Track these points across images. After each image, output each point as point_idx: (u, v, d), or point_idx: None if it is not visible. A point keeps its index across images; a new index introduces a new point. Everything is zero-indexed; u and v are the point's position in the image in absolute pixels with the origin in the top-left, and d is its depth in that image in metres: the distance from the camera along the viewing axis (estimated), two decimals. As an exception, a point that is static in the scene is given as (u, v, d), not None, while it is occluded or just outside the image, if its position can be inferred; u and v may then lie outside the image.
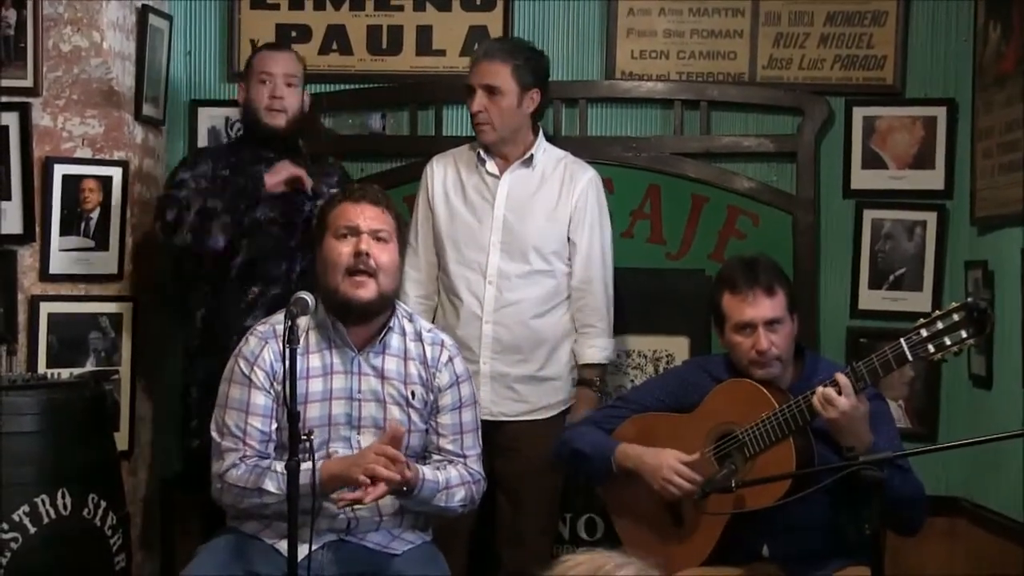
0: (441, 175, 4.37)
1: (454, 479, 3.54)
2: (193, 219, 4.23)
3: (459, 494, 3.54)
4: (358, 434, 3.51)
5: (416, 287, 4.34)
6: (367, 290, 3.48)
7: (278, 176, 4.26)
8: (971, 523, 4.49)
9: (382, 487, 3.30)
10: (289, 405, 3.18)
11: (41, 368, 4.24)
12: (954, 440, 4.22)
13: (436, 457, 3.58)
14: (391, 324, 3.58)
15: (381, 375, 3.55)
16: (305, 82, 4.49)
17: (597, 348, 4.29)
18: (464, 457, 3.61)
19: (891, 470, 3.19)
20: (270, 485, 3.37)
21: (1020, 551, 4.05)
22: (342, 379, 3.52)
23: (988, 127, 4.38)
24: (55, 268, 4.30)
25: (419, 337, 3.63)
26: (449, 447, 3.60)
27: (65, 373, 4.24)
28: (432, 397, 3.60)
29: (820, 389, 3.37)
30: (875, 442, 3.39)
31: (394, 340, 3.59)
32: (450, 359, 3.64)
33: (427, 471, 3.47)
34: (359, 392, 3.52)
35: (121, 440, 4.34)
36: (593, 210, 4.31)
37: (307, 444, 3.21)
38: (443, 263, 4.33)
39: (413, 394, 3.56)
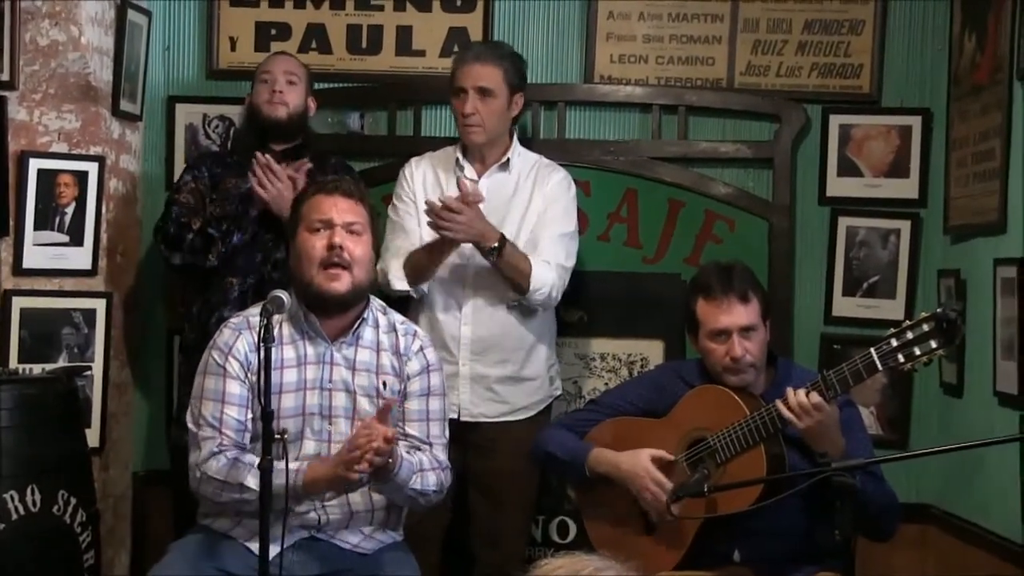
0: (420, 177, 4.36)
1: (426, 463, 3.55)
2: (194, 239, 4.33)
3: (431, 478, 3.54)
4: (329, 424, 3.52)
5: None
6: (341, 283, 3.49)
7: (255, 183, 4.28)
8: (941, 531, 4.51)
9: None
10: (263, 403, 3.18)
11: (12, 363, 4.21)
12: (925, 448, 4.25)
13: (402, 444, 3.54)
14: (364, 316, 3.59)
15: (352, 366, 3.56)
16: (311, 88, 4.52)
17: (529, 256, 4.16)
18: (429, 445, 3.60)
19: (863, 476, 3.21)
20: (251, 482, 3.35)
21: (990, 559, 4.07)
22: (315, 369, 3.53)
23: (963, 137, 4.41)
24: (29, 263, 4.28)
25: (392, 328, 3.65)
26: (414, 432, 3.59)
27: (37, 368, 4.21)
28: (403, 385, 3.60)
29: (791, 398, 3.37)
30: (848, 448, 3.40)
31: (367, 332, 3.60)
32: (421, 348, 3.66)
33: (403, 452, 3.46)
34: (330, 382, 3.53)
35: (92, 436, 4.31)
36: (560, 205, 4.30)
37: (281, 443, 3.22)
38: None
39: (384, 384, 3.57)
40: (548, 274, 4.15)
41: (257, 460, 3.32)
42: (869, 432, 3.95)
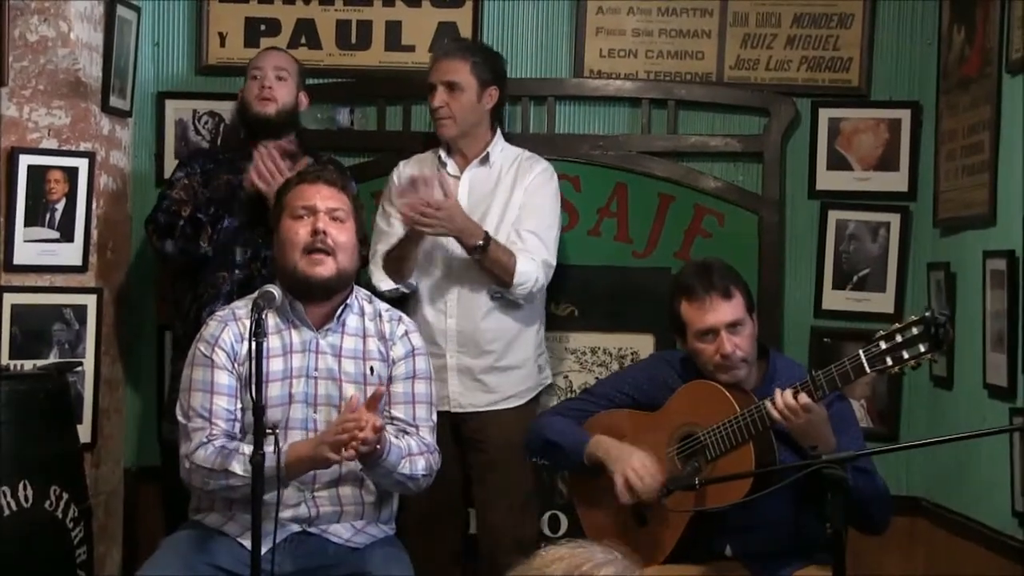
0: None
1: (415, 447, 3.54)
2: (184, 226, 4.33)
3: (420, 462, 3.54)
4: (314, 412, 3.52)
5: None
6: (325, 267, 3.51)
7: (255, 174, 4.29)
8: (932, 524, 4.53)
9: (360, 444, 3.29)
10: (255, 399, 3.19)
11: (4, 359, 4.20)
12: (915, 440, 4.25)
13: (390, 428, 3.53)
14: (349, 302, 3.60)
15: (338, 354, 3.57)
16: (303, 82, 4.52)
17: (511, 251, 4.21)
18: (416, 427, 3.60)
19: (854, 472, 3.20)
20: (237, 467, 3.36)
21: (980, 551, 4.08)
22: (300, 358, 3.54)
23: (952, 130, 4.42)
24: (19, 259, 4.27)
25: (378, 315, 3.66)
26: (400, 415, 3.59)
27: (28, 365, 4.21)
28: (389, 370, 3.61)
29: (778, 399, 3.37)
30: (839, 444, 3.41)
31: (352, 319, 3.61)
32: (406, 333, 3.67)
33: (391, 437, 3.46)
34: (315, 370, 3.54)
35: (84, 432, 4.31)
36: (541, 197, 4.33)
37: (273, 438, 3.24)
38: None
39: (372, 370, 3.58)
40: (531, 269, 4.20)
41: (244, 447, 3.35)
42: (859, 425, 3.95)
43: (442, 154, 4.40)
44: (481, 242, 4.12)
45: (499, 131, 4.44)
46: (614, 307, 4.71)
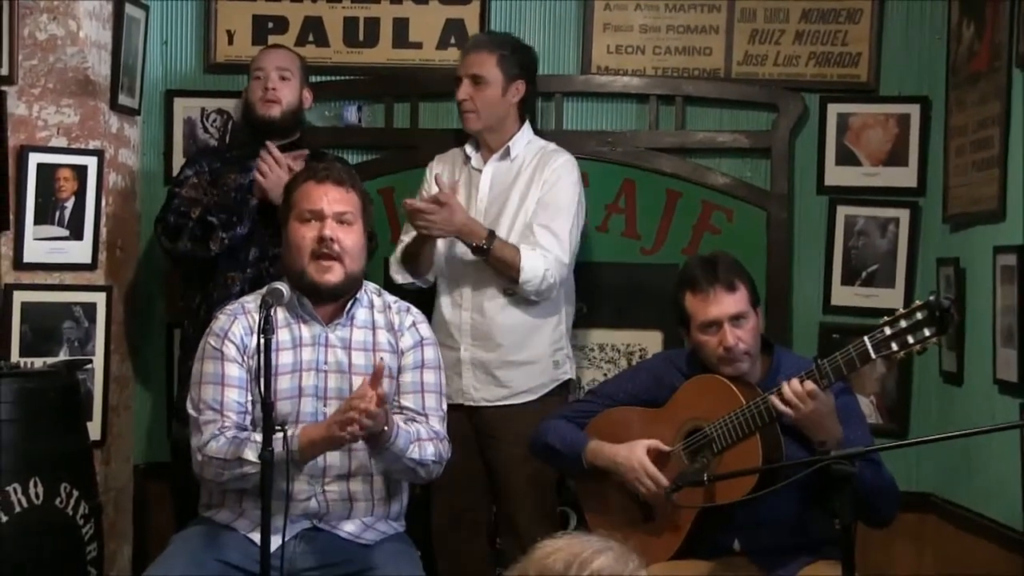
0: (439, 173, 4.38)
1: (423, 433, 3.54)
2: (193, 228, 4.33)
3: (430, 448, 3.53)
4: (324, 406, 3.52)
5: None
6: (334, 274, 3.52)
7: (260, 176, 4.30)
8: (941, 519, 4.52)
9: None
10: (264, 396, 3.19)
11: (14, 357, 4.22)
12: (924, 436, 4.25)
13: (399, 416, 3.53)
14: (357, 297, 3.61)
15: (348, 346, 3.57)
16: (307, 80, 4.53)
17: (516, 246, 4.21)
18: (425, 416, 3.60)
19: (862, 463, 3.20)
20: (250, 454, 3.35)
21: (990, 547, 4.07)
22: (310, 351, 3.55)
23: (961, 125, 4.41)
24: (29, 257, 4.29)
25: (387, 307, 3.67)
26: (409, 404, 3.59)
27: (38, 362, 4.22)
28: (398, 361, 3.61)
29: (785, 388, 3.37)
30: (846, 436, 3.41)
31: (361, 313, 3.62)
32: (414, 323, 3.67)
33: (399, 421, 3.47)
34: (325, 364, 3.54)
35: (94, 430, 4.33)
36: (558, 191, 4.29)
37: (282, 435, 3.24)
38: (436, 254, 4.36)
39: (382, 361, 3.57)
40: (538, 266, 4.17)
41: (255, 436, 3.36)
42: (868, 421, 3.95)
43: (468, 148, 4.42)
44: (484, 243, 4.13)
45: (526, 124, 4.43)
46: (622, 303, 4.71)
